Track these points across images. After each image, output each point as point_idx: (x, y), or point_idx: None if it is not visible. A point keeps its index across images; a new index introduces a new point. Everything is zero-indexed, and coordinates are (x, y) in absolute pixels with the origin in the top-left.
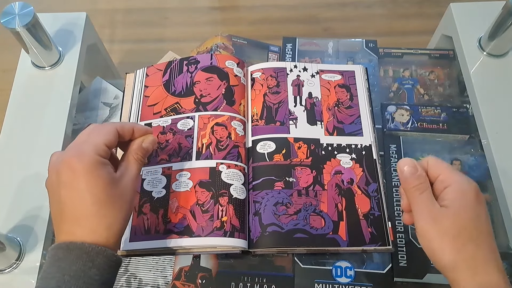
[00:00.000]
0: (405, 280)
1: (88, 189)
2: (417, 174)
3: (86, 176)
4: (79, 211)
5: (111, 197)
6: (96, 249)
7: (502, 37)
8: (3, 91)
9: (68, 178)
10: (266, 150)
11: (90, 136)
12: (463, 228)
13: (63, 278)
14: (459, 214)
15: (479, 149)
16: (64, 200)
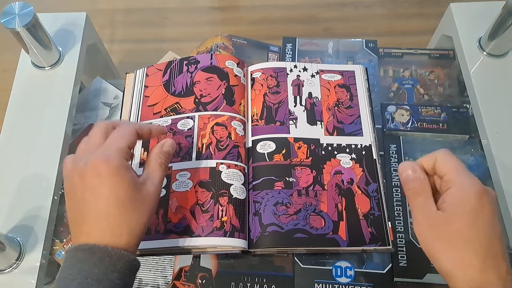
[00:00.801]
0: (405, 280)
1: (112, 193)
2: (412, 177)
3: (112, 180)
4: (102, 213)
5: (134, 201)
6: (118, 253)
7: (502, 37)
8: (3, 91)
9: (94, 181)
10: (266, 150)
11: (113, 139)
12: (459, 234)
13: (86, 281)
14: (455, 220)
15: (479, 149)
16: (88, 203)
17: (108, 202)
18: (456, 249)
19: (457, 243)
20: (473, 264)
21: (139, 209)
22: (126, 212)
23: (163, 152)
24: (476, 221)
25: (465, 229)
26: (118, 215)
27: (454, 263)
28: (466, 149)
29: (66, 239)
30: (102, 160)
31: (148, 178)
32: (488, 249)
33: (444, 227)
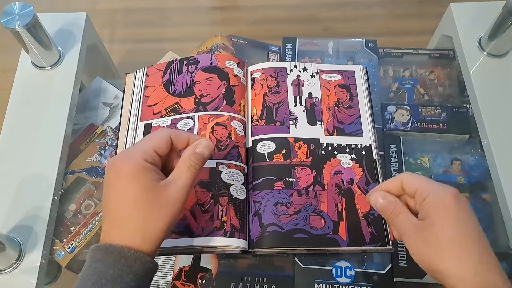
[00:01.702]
0: (405, 280)
1: (128, 193)
2: (385, 202)
3: (128, 179)
4: (117, 212)
5: (152, 204)
6: (134, 254)
7: (502, 37)
8: (3, 91)
9: (112, 179)
10: (266, 150)
11: (142, 141)
12: (446, 235)
13: (100, 281)
14: (438, 222)
15: (479, 149)
16: (107, 200)
17: (123, 201)
18: (448, 250)
19: (447, 244)
20: (468, 262)
21: (157, 212)
22: (141, 215)
23: (195, 154)
24: (458, 220)
25: (449, 229)
26: (132, 216)
27: (449, 264)
28: (466, 149)
29: (66, 239)
30: (121, 159)
31: (172, 181)
32: (480, 245)
33: (429, 232)
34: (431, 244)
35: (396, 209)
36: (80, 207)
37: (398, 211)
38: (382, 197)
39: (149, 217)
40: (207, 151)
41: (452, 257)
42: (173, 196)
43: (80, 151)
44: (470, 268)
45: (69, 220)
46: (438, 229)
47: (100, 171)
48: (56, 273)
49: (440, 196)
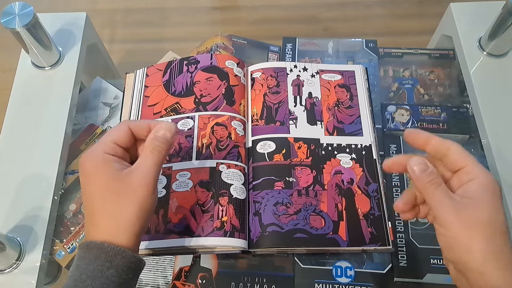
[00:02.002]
0: (405, 280)
1: (95, 187)
2: (428, 171)
3: (91, 174)
4: (91, 208)
5: (117, 193)
6: (114, 249)
7: (502, 37)
8: (3, 91)
9: (82, 179)
10: (266, 150)
11: (102, 137)
12: (492, 220)
13: (80, 277)
14: (487, 206)
15: (479, 149)
16: (83, 199)
17: (93, 197)
18: (491, 234)
19: (491, 228)
20: (505, 250)
21: (123, 200)
22: (109, 206)
23: (156, 137)
24: (502, 212)
25: (496, 216)
26: (102, 209)
27: (488, 247)
28: (466, 149)
29: (66, 239)
30: (84, 157)
31: (136, 167)
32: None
33: (477, 212)
34: (474, 225)
35: (437, 180)
36: (80, 207)
37: (438, 182)
38: (424, 163)
39: (117, 206)
40: (168, 133)
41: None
42: (137, 181)
43: (80, 151)
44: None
45: (69, 220)
46: (482, 211)
47: None
48: (56, 273)
49: (489, 184)
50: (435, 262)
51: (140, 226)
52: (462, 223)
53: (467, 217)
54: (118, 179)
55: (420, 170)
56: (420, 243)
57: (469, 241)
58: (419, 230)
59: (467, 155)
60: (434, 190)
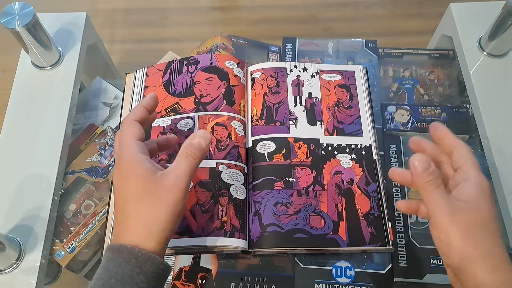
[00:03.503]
0: (405, 280)
1: (129, 188)
2: (430, 170)
3: (127, 175)
4: (123, 211)
5: (151, 195)
6: (145, 255)
7: (502, 37)
8: (3, 91)
9: (116, 178)
10: (266, 150)
11: (121, 139)
12: (483, 224)
13: (110, 281)
14: (479, 210)
15: (479, 149)
16: (116, 204)
17: (126, 199)
18: (481, 238)
19: (481, 232)
20: (494, 253)
21: (158, 202)
22: (143, 207)
23: (191, 144)
24: (494, 214)
25: (488, 220)
26: (134, 211)
27: (477, 251)
28: None
29: (66, 239)
30: (118, 166)
31: (170, 171)
32: (502, 242)
33: (469, 216)
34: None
35: (436, 181)
36: (80, 207)
37: (438, 183)
38: (426, 162)
39: (151, 209)
40: (203, 141)
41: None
42: (172, 184)
43: (80, 151)
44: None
45: (69, 220)
46: (477, 218)
47: (100, 171)
48: (56, 273)
49: (482, 186)
50: (435, 262)
51: (171, 231)
52: (456, 226)
53: (461, 220)
54: (152, 181)
55: (422, 168)
56: (420, 243)
57: (462, 245)
58: (419, 230)
59: (468, 157)
60: (432, 190)
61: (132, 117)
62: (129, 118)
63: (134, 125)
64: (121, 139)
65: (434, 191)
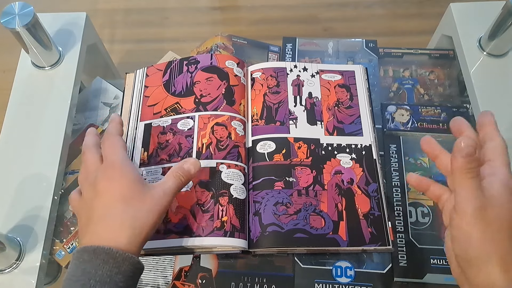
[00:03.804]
0: (405, 280)
1: (117, 187)
2: (474, 157)
3: (118, 176)
4: (107, 210)
5: (138, 198)
6: (123, 255)
7: (502, 37)
8: (3, 91)
9: (105, 184)
10: (266, 150)
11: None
12: (507, 223)
13: (89, 282)
14: (506, 208)
15: None
16: (96, 205)
17: (113, 198)
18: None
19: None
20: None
21: (143, 207)
22: (129, 208)
23: (181, 168)
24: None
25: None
26: (121, 210)
27: (496, 249)
28: None
29: (66, 239)
30: (110, 165)
31: (158, 184)
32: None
33: (495, 213)
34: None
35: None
36: None
37: (476, 172)
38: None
39: (137, 211)
40: (193, 168)
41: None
42: (161, 193)
43: (80, 151)
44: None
45: (69, 220)
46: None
47: None
48: (56, 273)
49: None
50: (435, 262)
51: (149, 236)
52: (483, 221)
53: (488, 216)
54: (142, 187)
55: (467, 154)
56: (420, 243)
57: (484, 239)
58: (419, 230)
59: (502, 153)
60: (469, 179)
61: (117, 131)
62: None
63: (121, 138)
64: (113, 143)
65: (471, 180)
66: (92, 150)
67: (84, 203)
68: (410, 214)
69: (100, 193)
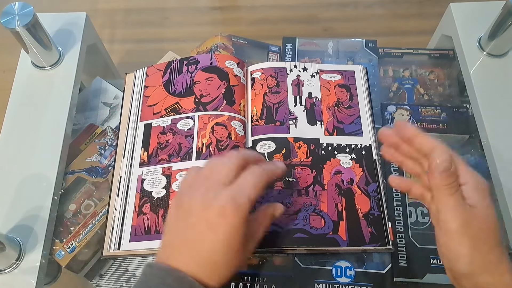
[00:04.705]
0: (405, 280)
1: (226, 239)
2: (451, 171)
3: (232, 229)
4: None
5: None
6: None
7: (502, 37)
8: (3, 91)
9: (215, 219)
10: (266, 150)
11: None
12: (490, 232)
13: None
14: (486, 217)
15: (479, 149)
16: (198, 234)
17: (218, 245)
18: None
19: (491, 240)
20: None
21: (236, 262)
22: (227, 261)
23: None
24: (496, 217)
25: (494, 225)
26: (220, 261)
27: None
28: (466, 149)
29: (66, 239)
30: (232, 206)
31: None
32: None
33: (479, 224)
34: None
35: (455, 184)
36: (80, 207)
37: (456, 187)
38: (449, 161)
39: (231, 265)
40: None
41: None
42: (250, 249)
43: (80, 151)
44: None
45: (69, 220)
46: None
47: (100, 171)
48: (56, 273)
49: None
50: (435, 262)
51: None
52: (467, 236)
53: (472, 230)
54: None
55: (444, 168)
56: (420, 243)
57: (472, 255)
58: (419, 230)
59: (457, 158)
60: (450, 195)
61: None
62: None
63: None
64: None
65: (451, 196)
66: (236, 165)
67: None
68: (410, 214)
69: (209, 225)
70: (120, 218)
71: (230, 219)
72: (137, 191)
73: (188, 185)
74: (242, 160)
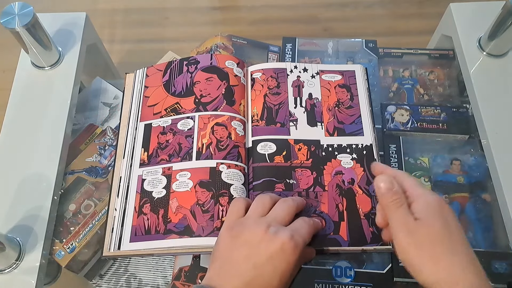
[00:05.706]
0: (405, 280)
1: (281, 274)
2: (393, 190)
3: (287, 266)
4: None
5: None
6: None
7: (502, 37)
8: (3, 91)
9: (275, 254)
10: (267, 151)
11: (301, 229)
12: (437, 239)
13: None
14: (431, 225)
15: (479, 149)
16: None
17: (275, 281)
18: (439, 253)
19: (438, 247)
20: (455, 265)
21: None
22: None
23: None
24: (447, 225)
25: (441, 233)
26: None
27: (437, 267)
28: (466, 149)
29: (66, 239)
30: (292, 243)
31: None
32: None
33: (424, 233)
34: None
35: (400, 200)
36: (80, 207)
37: (400, 202)
38: (391, 182)
39: None
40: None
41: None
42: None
43: (80, 151)
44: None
45: (69, 220)
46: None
47: (100, 171)
48: (56, 273)
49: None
50: None
51: None
52: (413, 245)
53: (417, 238)
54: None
55: (386, 188)
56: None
57: (420, 263)
58: None
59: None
60: (395, 209)
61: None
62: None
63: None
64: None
65: (397, 210)
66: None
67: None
68: None
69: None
70: (120, 218)
71: (289, 256)
72: (137, 191)
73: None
74: (297, 208)
